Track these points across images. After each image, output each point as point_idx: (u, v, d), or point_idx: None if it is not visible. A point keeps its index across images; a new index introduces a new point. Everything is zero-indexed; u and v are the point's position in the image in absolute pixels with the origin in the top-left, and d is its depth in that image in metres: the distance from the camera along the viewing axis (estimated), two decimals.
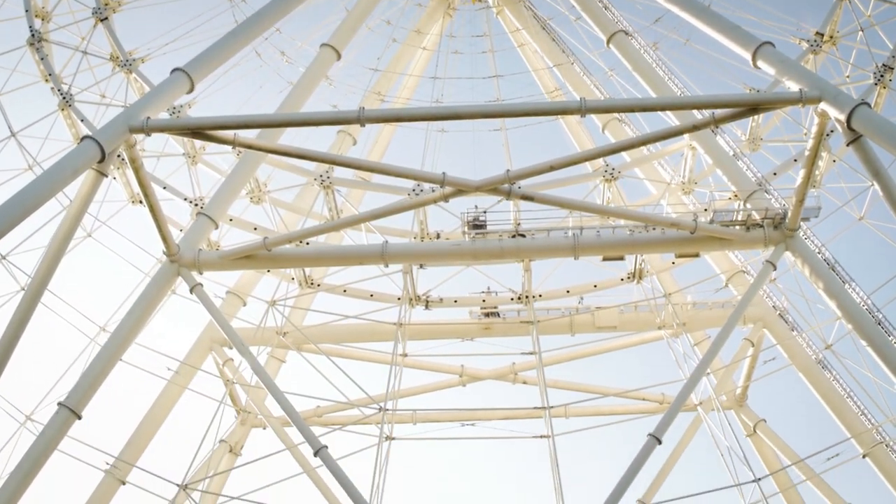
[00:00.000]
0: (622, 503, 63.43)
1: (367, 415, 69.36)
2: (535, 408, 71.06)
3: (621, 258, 68.70)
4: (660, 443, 59.53)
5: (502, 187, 54.87)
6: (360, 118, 52.26)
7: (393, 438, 69.41)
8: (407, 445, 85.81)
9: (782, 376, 75.53)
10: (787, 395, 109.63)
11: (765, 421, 73.23)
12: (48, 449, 56.94)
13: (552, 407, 70.00)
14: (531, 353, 73.02)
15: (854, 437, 65.01)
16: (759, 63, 59.59)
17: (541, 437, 70.47)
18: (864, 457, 64.78)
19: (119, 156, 64.53)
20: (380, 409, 66.96)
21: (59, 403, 57.01)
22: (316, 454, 58.71)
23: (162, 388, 69.04)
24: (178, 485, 63.05)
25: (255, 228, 72.45)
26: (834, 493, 67.20)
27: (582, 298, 76.52)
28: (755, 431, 72.58)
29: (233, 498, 65.31)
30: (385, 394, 67.75)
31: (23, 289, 64.76)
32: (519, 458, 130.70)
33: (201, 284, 61.84)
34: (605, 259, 65.90)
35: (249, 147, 56.46)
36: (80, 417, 57.54)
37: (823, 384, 68.01)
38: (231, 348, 70.70)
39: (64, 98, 71.45)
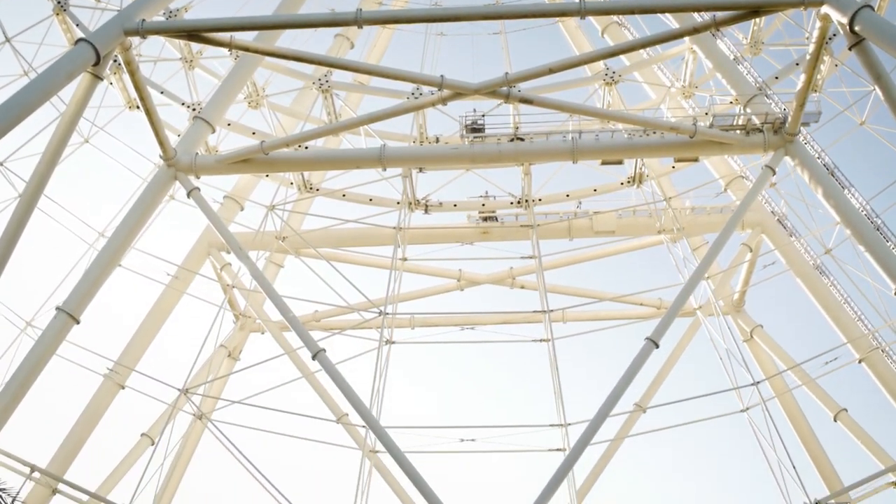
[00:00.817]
0: (619, 407, 64.17)
1: (366, 319, 69.41)
2: (534, 311, 71.29)
3: (620, 162, 68.22)
4: (657, 346, 59.57)
5: (501, 90, 54.02)
6: (358, 20, 51.25)
7: (393, 342, 69.59)
8: (406, 351, 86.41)
9: (780, 282, 75.56)
10: (784, 302, 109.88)
11: (762, 326, 73.25)
12: (47, 353, 56.79)
13: (552, 311, 70.28)
14: (531, 258, 72.95)
15: (850, 342, 65.06)
16: None
17: (541, 340, 70.70)
18: (860, 362, 64.91)
19: (115, 60, 63.60)
20: (380, 312, 67.05)
21: (57, 308, 56.79)
22: (314, 357, 58.89)
23: (160, 293, 68.97)
24: (178, 389, 63.31)
25: (254, 133, 71.76)
26: (829, 398, 67.46)
27: (580, 203, 76.16)
28: (752, 337, 72.65)
29: (233, 402, 65.76)
30: (385, 298, 67.87)
31: (20, 195, 64.14)
32: (517, 364, 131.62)
33: (198, 189, 61.35)
34: (603, 163, 65.43)
35: (246, 50, 55.42)
36: (78, 322, 57.43)
37: (821, 290, 67.85)
38: (229, 253, 70.59)
39: (59, 2, 70.27)
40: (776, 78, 67.53)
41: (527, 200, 74.52)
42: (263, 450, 61.94)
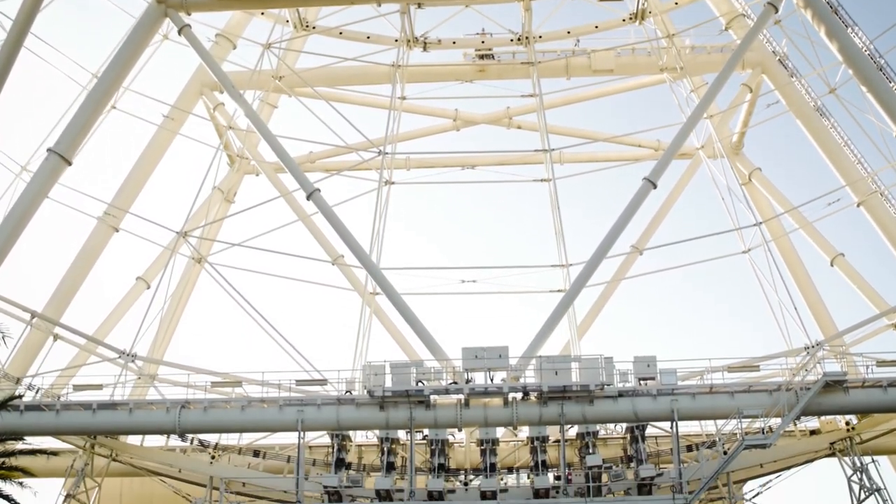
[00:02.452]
0: (621, 248, 63.22)
1: (365, 159, 67.63)
2: (535, 150, 69.42)
3: None
4: (654, 187, 58.16)
5: None
6: None
7: (392, 183, 68.00)
8: (406, 195, 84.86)
9: (779, 126, 73.57)
10: (782, 145, 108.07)
11: (760, 169, 71.46)
12: (39, 195, 55.10)
13: (553, 150, 68.55)
14: (531, 96, 70.72)
15: (850, 185, 63.43)
16: None
17: (541, 180, 69.23)
18: (858, 206, 63.42)
19: None
20: (379, 152, 65.22)
21: (49, 149, 54.94)
22: (309, 197, 57.44)
23: (153, 134, 66.81)
24: (175, 232, 61.89)
25: None
26: (827, 242, 66.21)
27: (578, 41, 73.54)
28: (750, 180, 70.85)
29: (232, 245, 64.50)
30: (384, 137, 65.84)
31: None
32: (515, 207, 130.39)
33: (189, 26, 59.03)
34: None
35: None
36: (70, 163, 55.70)
37: (821, 132, 65.76)
38: (222, 93, 68.19)
39: None
40: None
41: (527, 37, 71.79)
42: (261, 294, 61.00)
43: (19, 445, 50.78)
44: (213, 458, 56.99)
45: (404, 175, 71.94)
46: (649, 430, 55.67)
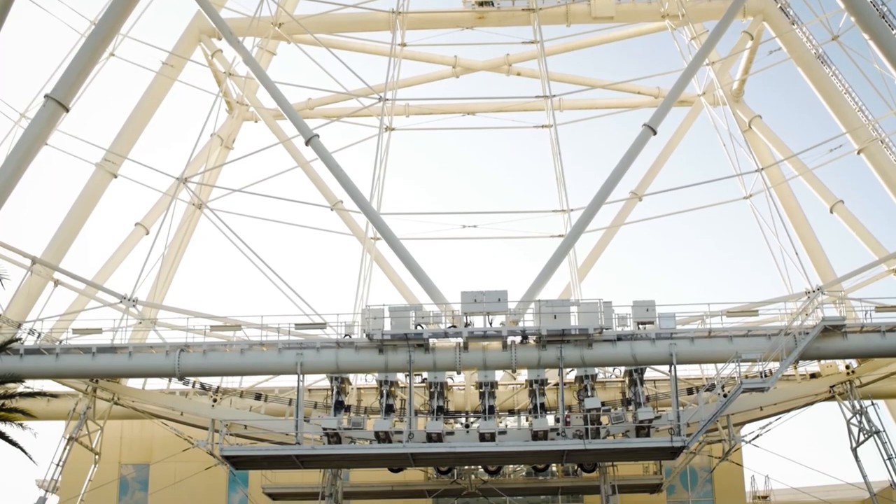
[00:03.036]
0: (617, 195, 62.61)
1: (365, 106, 66.93)
2: (536, 97, 68.69)
3: None
4: (654, 133, 57.65)
5: None
6: None
7: (393, 129, 67.31)
8: (406, 142, 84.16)
9: (779, 75, 72.63)
10: (783, 94, 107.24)
11: (760, 117, 70.75)
12: (37, 141, 54.39)
13: (554, 96, 67.87)
14: (532, 43, 69.91)
15: (850, 132, 62.76)
16: None
17: (542, 126, 68.59)
18: (858, 153, 62.80)
19: None
20: (379, 99, 64.51)
21: (46, 96, 54.16)
22: (307, 143, 56.84)
23: (151, 81, 66.04)
24: (176, 178, 61.23)
25: None
26: (826, 189, 65.68)
27: None
28: (750, 127, 70.18)
29: (233, 190, 63.95)
30: (384, 84, 65.10)
31: None
32: (514, 154, 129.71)
33: None
34: None
35: None
36: (67, 110, 54.95)
37: (822, 79, 64.97)
38: (220, 39, 67.41)
39: None
40: None
41: None
42: (260, 240, 60.60)
43: (20, 389, 50.65)
44: (214, 401, 56.87)
45: (404, 122, 71.24)
46: (649, 374, 55.75)
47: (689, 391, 55.16)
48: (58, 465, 54.81)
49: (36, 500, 53.59)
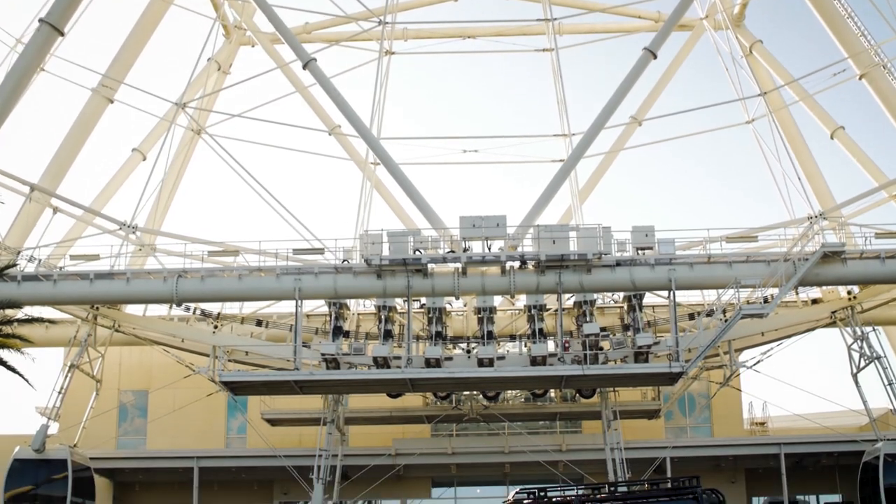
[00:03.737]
0: (617, 120, 61.64)
1: (365, 29, 65.58)
2: (538, 20, 67.16)
3: None
4: (654, 57, 56.50)
5: None
6: None
7: (393, 53, 66.00)
8: (404, 65, 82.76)
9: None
10: (784, 19, 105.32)
11: (761, 42, 69.30)
12: (32, 66, 53.30)
13: (555, 19, 66.48)
14: None
15: (852, 57, 61.34)
16: None
17: (543, 50, 67.30)
18: (860, 78, 61.46)
19: None
20: (379, 22, 63.00)
21: (40, 20, 53.05)
22: (305, 67, 55.70)
23: (147, 4, 64.38)
24: (174, 103, 60.19)
25: None
26: (827, 115, 64.45)
27: None
28: (751, 52, 68.76)
29: (232, 115, 62.86)
30: (384, 7, 63.48)
31: None
32: (515, 77, 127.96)
33: None
34: None
35: None
36: (62, 34, 53.71)
37: (824, 3, 63.41)
38: None
39: None
40: None
41: None
42: (259, 165, 59.52)
43: (19, 315, 50.10)
44: (215, 327, 56.33)
45: (403, 46, 69.77)
46: (651, 300, 55.24)
47: (692, 316, 54.53)
48: (59, 392, 54.47)
49: (38, 428, 53.23)
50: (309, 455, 53.53)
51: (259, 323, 57.22)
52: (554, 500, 20.19)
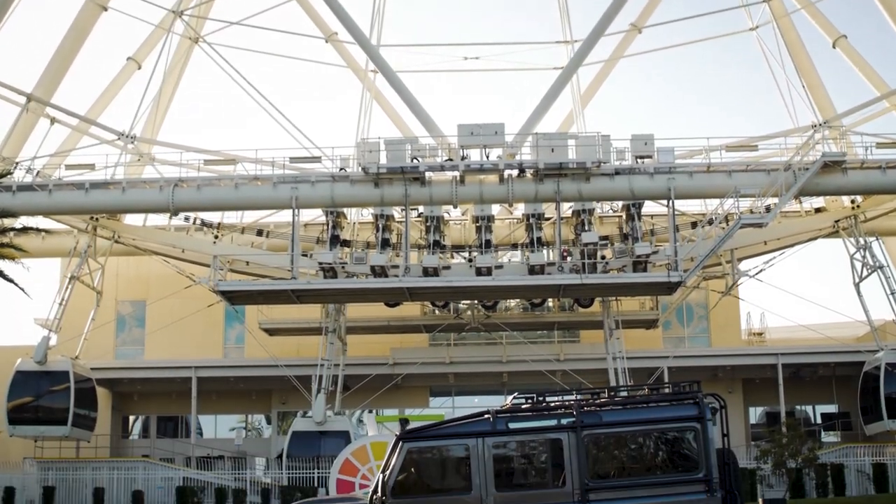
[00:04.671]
0: (615, 29, 60.06)
1: None
2: None
3: None
4: None
5: None
6: None
7: None
8: None
9: None
10: None
11: None
12: None
13: None
14: None
15: None
16: None
17: None
18: None
19: None
20: None
21: None
22: None
23: None
24: (170, 10, 58.53)
25: None
26: (829, 23, 62.49)
27: None
28: None
29: (231, 23, 61.25)
30: None
31: None
32: None
33: None
34: None
35: None
36: None
37: None
38: None
39: None
40: None
41: None
42: (256, 74, 58.13)
43: (16, 225, 49.13)
44: (215, 237, 55.43)
45: None
46: (652, 209, 54.27)
47: (694, 225, 53.52)
48: (60, 304, 53.82)
49: (39, 340, 52.65)
50: (309, 364, 52.97)
51: (259, 233, 56.24)
52: (552, 404, 19.68)
